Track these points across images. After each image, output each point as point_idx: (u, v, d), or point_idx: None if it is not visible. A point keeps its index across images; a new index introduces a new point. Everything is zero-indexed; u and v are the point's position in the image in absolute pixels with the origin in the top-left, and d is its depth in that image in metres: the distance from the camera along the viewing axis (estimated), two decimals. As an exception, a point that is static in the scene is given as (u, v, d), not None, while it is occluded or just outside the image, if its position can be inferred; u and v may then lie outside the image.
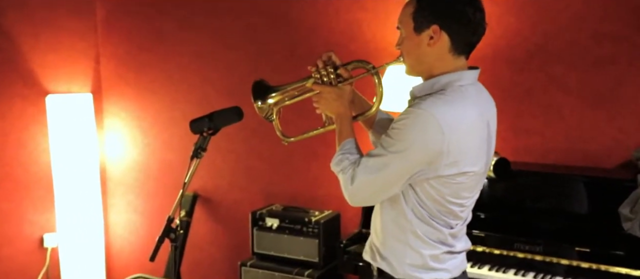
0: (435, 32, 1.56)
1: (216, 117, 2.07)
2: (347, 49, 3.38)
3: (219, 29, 3.77)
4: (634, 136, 2.74)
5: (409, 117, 1.51)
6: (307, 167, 3.61)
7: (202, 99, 3.88)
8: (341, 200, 3.50)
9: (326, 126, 1.89)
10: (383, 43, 3.29)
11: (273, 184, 3.74)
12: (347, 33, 3.39)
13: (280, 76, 3.63)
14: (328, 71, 1.79)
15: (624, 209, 2.31)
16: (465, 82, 1.59)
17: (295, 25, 3.54)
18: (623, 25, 2.73)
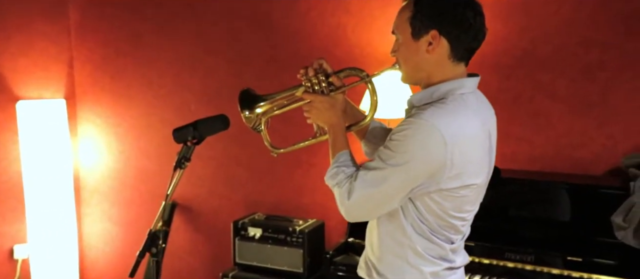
0: (434, 38, 1.49)
1: (201, 125, 1.97)
2: (331, 54, 3.30)
3: (198, 33, 3.66)
4: (622, 143, 2.72)
5: (410, 128, 1.43)
6: (290, 175, 3.52)
7: (181, 105, 3.77)
8: (325, 208, 3.46)
9: (318, 136, 1.80)
10: (368, 48, 3.22)
11: (255, 192, 3.64)
12: (331, 37, 3.32)
13: (262, 81, 3.57)
14: (319, 79, 1.70)
15: (616, 218, 2.28)
16: (466, 90, 1.52)
17: (277, 30, 3.46)
18: (611, 31, 2.71)
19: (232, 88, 3.60)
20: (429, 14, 1.49)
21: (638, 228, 2.23)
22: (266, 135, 1.89)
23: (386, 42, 3.18)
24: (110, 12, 3.88)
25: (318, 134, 1.80)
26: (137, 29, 3.82)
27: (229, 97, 3.63)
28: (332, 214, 3.41)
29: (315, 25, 3.35)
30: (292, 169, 3.51)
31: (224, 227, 3.67)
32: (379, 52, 3.20)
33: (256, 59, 3.54)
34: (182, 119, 3.69)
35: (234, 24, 3.56)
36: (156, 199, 3.89)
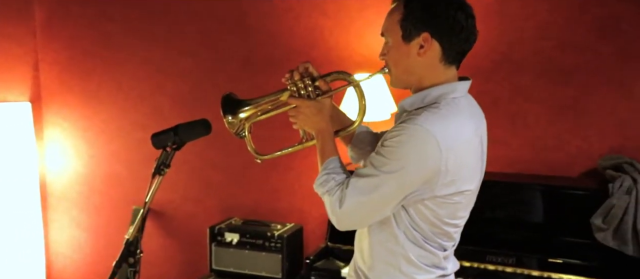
0: (426, 41, 1.46)
1: (182, 130, 1.90)
2: (308, 56, 3.27)
3: (171, 35, 3.58)
4: (597, 144, 2.77)
5: (404, 134, 1.40)
6: (266, 179, 3.47)
7: (153, 108, 3.67)
8: (303, 212, 3.42)
9: (304, 142, 1.76)
10: (346, 50, 3.20)
11: (230, 196, 3.58)
12: (308, 40, 3.29)
13: (237, 84, 3.51)
14: (305, 83, 1.66)
15: (596, 220, 2.31)
16: (458, 94, 1.50)
17: (252, 31, 3.40)
18: (586, 35, 2.75)
19: (207, 91, 3.57)
20: (420, 16, 1.46)
21: (618, 229, 2.26)
22: (250, 141, 1.83)
23: (364, 44, 3.17)
24: (78, 12, 3.76)
25: (304, 139, 1.76)
26: (106, 29, 3.71)
27: (203, 100, 3.60)
28: (310, 218, 3.38)
29: (292, 28, 3.31)
30: (268, 172, 3.46)
31: (198, 232, 3.60)
32: (356, 55, 3.18)
33: (231, 61, 3.47)
34: (155, 123, 3.67)
35: (209, 25, 3.49)
36: (127, 204, 3.79)
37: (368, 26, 3.15)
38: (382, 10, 3.12)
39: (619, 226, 2.26)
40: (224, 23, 3.45)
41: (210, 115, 3.43)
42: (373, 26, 3.14)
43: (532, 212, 2.54)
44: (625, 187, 2.30)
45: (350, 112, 2.02)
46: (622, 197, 2.28)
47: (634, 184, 2.29)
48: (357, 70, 3.06)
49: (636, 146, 2.69)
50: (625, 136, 2.71)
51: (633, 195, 2.26)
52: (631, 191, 2.28)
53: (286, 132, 3.21)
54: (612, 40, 2.71)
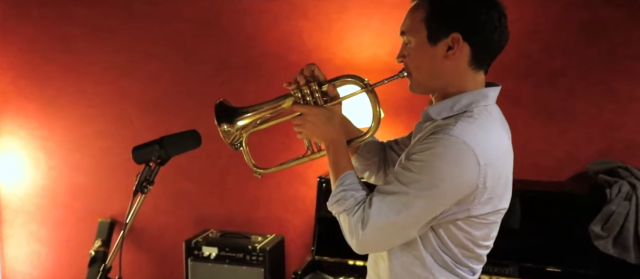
0: (455, 42, 1.31)
1: (168, 143, 1.69)
2: (286, 60, 3.14)
3: (138, 36, 3.37)
4: (585, 148, 2.74)
5: (438, 146, 1.25)
6: (243, 187, 3.32)
7: (119, 115, 3.46)
8: (282, 222, 3.29)
9: (310, 154, 1.62)
10: (326, 53, 3.08)
11: (204, 207, 3.40)
12: (286, 43, 3.15)
13: (210, 88, 3.34)
14: (312, 88, 1.50)
15: (595, 227, 2.27)
16: (490, 101, 1.38)
17: (227, 33, 3.24)
18: (573, 38, 2.72)
19: (178, 97, 3.38)
20: (450, 15, 1.32)
21: (618, 237, 2.23)
22: (247, 153, 1.68)
23: (344, 47, 3.06)
24: (36, 13, 3.49)
25: (310, 151, 1.62)
26: (67, 32, 3.47)
27: (174, 106, 3.41)
28: (291, 227, 3.25)
29: (269, 30, 3.16)
30: (245, 180, 3.30)
31: (171, 246, 3.41)
32: (337, 58, 3.07)
33: (204, 65, 3.30)
34: (121, 131, 3.45)
35: (179, 26, 3.30)
36: (92, 217, 3.56)
37: (349, 28, 3.04)
38: (364, 13, 3.07)
39: (619, 233, 2.22)
40: (195, 24, 3.28)
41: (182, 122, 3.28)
42: (354, 29, 3.03)
43: (526, 219, 2.48)
44: (624, 193, 2.27)
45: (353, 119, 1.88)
46: (622, 203, 2.24)
47: (632, 190, 2.26)
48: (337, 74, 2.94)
49: (624, 149, 2.68)
50: (612, 139, 2.70)
51: (633, 201, 2.23)
52: (630, 197, 2.25)
53: (280, 139, 3.11)
54: (598, 43, 2.69)
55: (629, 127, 2.68)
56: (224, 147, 3.17)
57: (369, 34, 3.01)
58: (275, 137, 3.10)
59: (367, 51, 3.02)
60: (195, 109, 3.30)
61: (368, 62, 3.01)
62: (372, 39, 3.00)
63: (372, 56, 3.01)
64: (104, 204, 3.55)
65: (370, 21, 3.00)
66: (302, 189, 3.19)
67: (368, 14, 3.00)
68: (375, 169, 1.73)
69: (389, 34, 2.97)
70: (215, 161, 3.31)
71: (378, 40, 2.99)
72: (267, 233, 3.17)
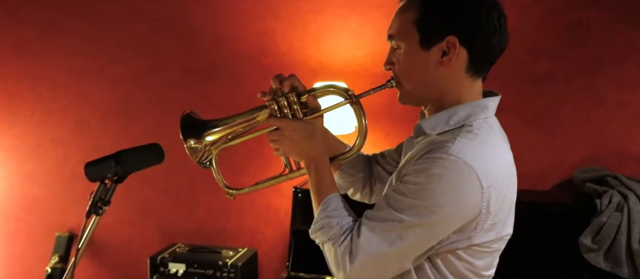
0: (452, 46, 1.17)
1: (126, 159, 1.48)
2: (258, 63, 2.96)
3: (98, 39, 3.14)
4: (571, 156, 2.65)
5: (435, 168, 1.11)
6: (213, 197, 3.12)
7: (78, 122, 3.22)
8: (254, 234, 3.10)
9: (288, 173, 1.45)
10: (301, 56, 2.91)
11: (171, 218, 3.19)
12: (257, 44, 2.97)
13: (176, 92, 3.13)
14: (290, 100, 1.33)
15: (585, 239, 2.16)
16: (489, 113, 1.25)
17: (193, 35, 3.04)
18: (559, 41, 2.62)
19: (141, 102, 3.16)
20: (445, 15, 1.17)
21: (610, 250, 2.13)
22: (218, 171, 1.51)
23: (320, 50, 2.90)
24: (-17, 12, 3.23)
25: (288, 170, 1.46)
26: (21, 33, 3.21)
27: (137, 112, 3.18)
28: (264, 240, 3.07)
29: (238, 31, 2.98)
30: (214, 190, 3.06)
31: (135, 262, 3.19)
32: (312, 61, 2.90)
33: (169, 68, 3.09)
34: (80, 138, 3.21)
35: (142, 27, 3.08)
36: (48, 231, 3.31)
37: (325, 30, 2.88)
38: (341, 13, 2.91)
39: (611, 246, 2.12)
40: (160, 24, 3.07)
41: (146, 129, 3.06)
42: (331, 30, 2.87)
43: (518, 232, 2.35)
44: (615, 203, 2.16)
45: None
46: (613, 214, 2.14)
47: (624, 201, 2.16)
48: (313, 79, 2.80)
49: (611, 157, 2.59)
50: (599, 145, 2.61)
51: (625, 212, 2.13)
52: (622, 207, 2.14)
53: (254, 149, 2.93)
54: (584, 47, 2.59)
55: (616, 133, 2.59)
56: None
57: (346, 36, 2.85)
58: (249, 147, 2.92)
59: (344, 54, 2.86)
60: (160, 115, 3.09)
61: (345, 65, 2.86)
62: (350, 41, 2.85)
63: (349, 59, 2.85)
64: (62, 218, 3.30)
65: (347, 22, 2.84)
66: (276, 199, 3.01)
67: (345, 15, 2.84)
68: (360, 186, 1.58)
69: (367, 36, 2.82)
70: (183, 169, 3.10)
71: (356, 42, 2.84)
72: (239, 246, 2.99)
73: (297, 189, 2.64)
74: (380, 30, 2.85)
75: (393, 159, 1.55)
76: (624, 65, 2.56)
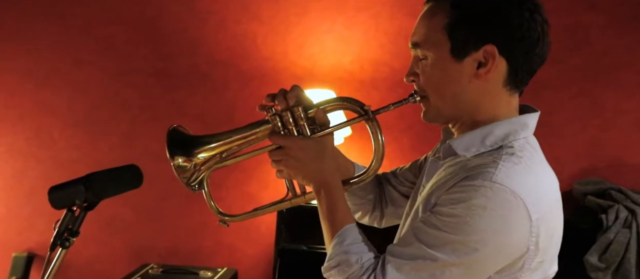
0: (489, 57, 1.03)
1: (98, 183, 1.27)
2: (237, 69, 2.77)
3: (61, 39, 2.89)
4: (569, 167, 2.54)
5: (476, 197, 0.95)
6: (188, 212, 2.90)
7: (39, 131, 2.96)
8: (233, 251, 2.89)
9: (292, 198, 1.28)
10: (284, 62, 2.73)
11: (142, 236, 2.96)
12: (237, 49, 2.77)
13: (149, 100, 2.90)
14: (296, 114, 1.17)
15: (591, 258, 2.05)
16: (529, 132, 1.10)
17: (168, 38, 2.82)
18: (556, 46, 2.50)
19: (109, 110, 2.91)
20: (483, 20, 1.03)
21: (618, 269, 2.01)
22: (210, 195, 1.33)
23: (304, 55, 2.72)
24: None
25: (291, 194, 1.28)
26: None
27: (104, 121, 2.93)
28: (244, 257, 2.88)
29: (217, 34, 2.78)
30: (189, 204, 2.90)
31: (104, 284, 2.95)
32: (296, 66, 2.73)
33: (141, 73, 2.86)
34: (40, 149, 2.95)
35: (110, 29, 2.85)
36: (4, 251, 3.03)
37: (309, 33, 2.71)
38: (326, 16, 2.73)
39: (620, 264, 2.01)
40: (130, 26, 2.84)
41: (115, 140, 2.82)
42: (315, 33, 2.70)
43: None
44: (622, 219, 2.06)
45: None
46: (621, 231, 2.03)
47: (632, 216, 2.06)
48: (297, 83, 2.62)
49: (609, 168, 2.49)
50: (597, 156, 2.51)
51: (634, 229, 2.02)
52: (630, 224, 2.04)
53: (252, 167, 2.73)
54: (581, 52, 2.50)
55: (615, 143, 2.50)
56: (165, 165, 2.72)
57: (332, 40, 2.69)
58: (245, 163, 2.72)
59: (330, 59, 2.69)
60: (130, 124, 2.87)
61: (331, 71, 2.69)
62: (336, 45, 2.69)
63: (335, 64, 2.69)
64: (19, 236, 3.03)
65: (333, 25, 2.68)
66: (257, 213, 2.82)
67: (330, 17, 2.68)
68: (369, 208, 1.42)
69: (354, 40, 2.66)
70: (155, 181, 2.85)
71: (342, 46, 2.68)
72: (217, 266, 2.78)
73: (282, 205, 2.45)
74: (368, 34, 2.72)
75: (407, 179, 1.39)
76: (622, 72, 2.47)
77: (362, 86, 2.64)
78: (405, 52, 2.83)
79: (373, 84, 2.64)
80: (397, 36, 2.60)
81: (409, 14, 2.59)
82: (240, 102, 2.76)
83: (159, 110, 2.84)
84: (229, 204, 2.83)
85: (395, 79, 2.58)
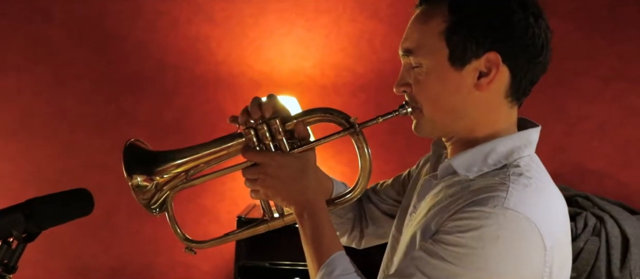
0: (492, 65, 0.94)
1: (40, 211, 1.09)
2: (190, 73, 2.60)
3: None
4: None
5: (487, 225, 0.86)
6: (137, 227, 2.71)
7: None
8: (189, 268, 2.71)
9: (270, 222, 1.15)
10: (241, 66, 2.58)
11: (86, 254, 2.74)
12: (189, 52, 2.60)
13: (90, 107, 2.68)
14: (273, 127, 1.04)
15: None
16: (533, 149, 1.02)
17: (111, 39, 2.62)
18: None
19: (45, 118, 2.67)
20: (484, 25, 0.94)
21: (589, 278, 1.98)
22: (174, 220, 1.19)
23: (262, 58, 2.58)
24: None
25: (268, 216, 1.15)
26: None
27: (39, 131, 2.68)
28: (200, 275, 2.70)
29: (166, 36, 2.60)
30: (138, 218, 2.70)
31: (42, 308, 2.70)
32: (252, 71, 2.58)
33: (80, 78, 2.64)
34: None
35: (45, 29, 2.62)
36: None
37: (267, 36, 2.57)
38: (285, 18, 2.59)
39: (590, 274, 1.98)
40: (68, 27, 2.62)
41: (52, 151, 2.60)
42: (273, 36, 2.57)
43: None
44: (591, 227, 2.03)
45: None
46: (590, 239, 2.00)
47: (600, 224, 2.03)
48: (254, 91, 2.48)
49: (572, 173, 2.49)
50: (560, 161, 2.50)
51: (603, 237, 2.00)
52: (599, 232, 2.01)
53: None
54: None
55: (577, 148, 2.49)
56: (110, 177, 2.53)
57: (291, 43, 2.56)
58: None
59: (289, 63, 2.57)
60: (70, 134, 2.64)
61: (291, 76, 2.56)
62: (295, 49, 2.56)
63: (295, 69, 2.56)
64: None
65: (292, 27, 2.55)
66: (213, 227, 2.66)
67: (290, 19, 2.55)
68: (348, 228, 1.31)
69: (315, 43, 2.55)
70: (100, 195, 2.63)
71: (302, 50, 2.56)
72: (170, 285, 2.60)
73: (242, 219, 2.30)
74: (329, 38, 2.60)
75: (389, 197, 1.29)
76: (583, 77, 2.47)
77: (324, 92, 2.53)
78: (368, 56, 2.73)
79: (335, 90, 2.53)
80: (359, 39, 2.50)
81: (372, 17, 2.50)
82: (193, 110, 2.59)
83: (102, 119, 2.63)
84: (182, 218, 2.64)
85: (357, 83, 2.48)
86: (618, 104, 2.46)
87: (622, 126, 2.47)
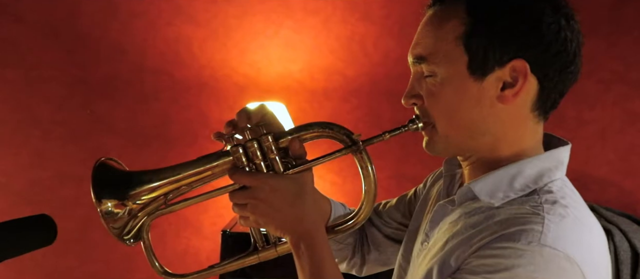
0: (519, 75, 0.83)
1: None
2: (171, 78, 2.45)
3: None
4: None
5: (523, 264, 0.74)
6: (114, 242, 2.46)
7: None
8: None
9: (261, 251, 1.02)
10: (225, 69, 2.44)
11: (59, 269, 2.57)
12: (168, 55, 2.45)
13: (62, 114, 2.51)
14: (265, 145, 0.91)
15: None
16: (564, 171, 0.91)
17: (86, 41, 2.45)
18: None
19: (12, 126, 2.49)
20: (508, 29, 0.82)
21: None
22: (151, 250, 1.06)
23: (247, 61, 2.44)
24: None
25: (260, 246, 1.03)
26: None
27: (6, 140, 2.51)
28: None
29: (145, 38, 2.44)
30: (114, 232, 2.53)
31: (12, 328, 2.53)
32: (237, 75, 2.44)
33: (52, 82, 2.48)
34: None
35: (13, 29, 2.44)
36: None
37: (252, 38, 2.43)
38: (271, 19, 2.44)
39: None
40: (38, 27, 2.45)
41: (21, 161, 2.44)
42: (259, 38, 2.43)
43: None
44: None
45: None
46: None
47: (609, 237, 1.93)
48: (239, 96, 2.35)
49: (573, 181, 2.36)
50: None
51: (611, 251, 1.90)
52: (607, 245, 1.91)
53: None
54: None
55: (578, 155, 2.35)
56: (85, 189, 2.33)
57: (278, 45, 2.43)
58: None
59: (276, 67, 2.43)
60: (40, 142, 2.47)
61: (278, 80, 2.43)
62: (282, 52, 2.42)
63: (282, 73, 2.43)
64: None
65: (279, 29, 2.42)
66: (195, 240, 2.51)
67: (276, 21, 2.41)
68: (349, 254, 1.19)
69: (302, 46, 2.42)
70: (74, 210, 2.50)
71: (289, 53, 2.42)
72: (150, 303, 2.45)
73: (226, 233, 2.16)
74: (318, 40, 2.47)
75: (394, 219, 1.17)
76: (583, 81, 2.36)
77: (314, 97, 2.39)
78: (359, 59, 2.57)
79: (325, 94, 2.39)
80: (350, 42, 2.37)
81: (363, 18, 2.37)
82: (174, 116, 2.44)
83: (75, 126, 2.47)
84: (161, 231, 2.50)
85: (348, 88, 2.35)
86: (620, 109, 2.37)
87: (624, 132, 2.38)
